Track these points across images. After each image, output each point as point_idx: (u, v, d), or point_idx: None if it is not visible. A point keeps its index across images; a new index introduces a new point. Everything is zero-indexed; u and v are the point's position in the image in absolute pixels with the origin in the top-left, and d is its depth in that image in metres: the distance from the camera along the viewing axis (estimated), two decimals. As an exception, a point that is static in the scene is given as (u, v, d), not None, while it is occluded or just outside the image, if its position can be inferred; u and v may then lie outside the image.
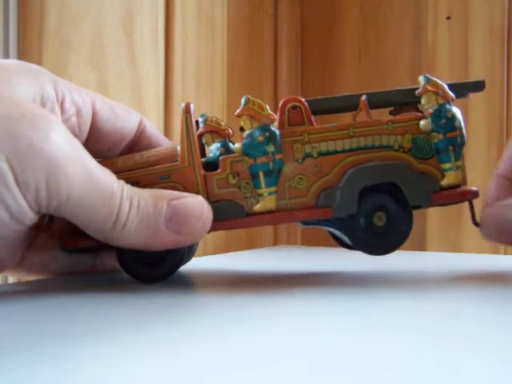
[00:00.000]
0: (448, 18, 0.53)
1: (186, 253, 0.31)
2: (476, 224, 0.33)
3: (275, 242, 0.60)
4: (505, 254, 0.51)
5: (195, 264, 0.36)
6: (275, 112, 0.30)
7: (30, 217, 0.26)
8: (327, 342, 0.19)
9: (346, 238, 0.31)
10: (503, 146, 0.50)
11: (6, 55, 0.51)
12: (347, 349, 0.18)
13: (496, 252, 0.51)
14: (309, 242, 0.60)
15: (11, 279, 0.46)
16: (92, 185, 0.26)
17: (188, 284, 0.32)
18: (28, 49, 0.51)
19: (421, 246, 0.53)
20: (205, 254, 0.49)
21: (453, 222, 0.53)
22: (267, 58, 0.58)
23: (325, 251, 0.51)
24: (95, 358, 0.17)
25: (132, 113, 0.33)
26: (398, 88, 0.33)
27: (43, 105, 0.28)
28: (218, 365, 0.16)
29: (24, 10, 0.51)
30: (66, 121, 0.30)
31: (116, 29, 0.50)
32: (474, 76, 0.52)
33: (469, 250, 0.52)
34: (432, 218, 0.53)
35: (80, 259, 0.33)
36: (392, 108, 0.34)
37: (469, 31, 0.52)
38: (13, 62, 0.29)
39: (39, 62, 0.49)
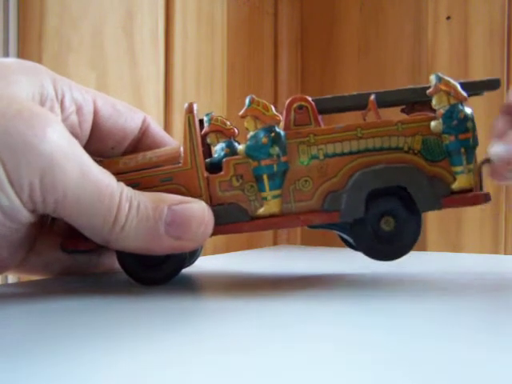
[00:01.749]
0: (448, 17, 0.53)
1: (189, 255, 0.31)
2: (487, 161, 0.31)
3: (275, 242, 0.60)
4: (505, 253, 0.51)
5: (195, 264, 0.36)
6: (280, 112, 0.30)
7: (25, 215, 0.25)
8: (327, 343, 0.19)
9: (352, 241, 0.31)
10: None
11: (6, 55, 0.51)
12: (347, 349, 0.18)
13: (496, 252, 0.51)
14: (309, 242, 0.60)
15: (11, 279, 0.46)
16: (89, 183, 0.26)
17: (188, 285, 0.32)
18: (28, 49, 0.51)
19: (421, 246, 0.53)
20: (204, 253, 0.49)
21: (453, 221, 0.53)
22: (267, 57, 0.58)
23: (325, 251, 0.51)
24: (95, 361, 0.17)
25: (135, 111, 0.33)
26: (409, 86, 0.32)
27: (42, 103, 0.28)
28: (219, 366, 0.16)
29: (24, 10, 0.51)
30: (65, 119, 0.29)
31: (116, 29, 0.50)
32: (474, 76, 0.52)
33: (469, 250, 0.52)
34: (432, 217, 0.53)
35: (83, 259, 0.33)
36: (404, 106, 0.32)
37: (469, 31, 0.52)
38: (12, 61, 0.29)
39: (39, 63, 0.48)
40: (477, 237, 0.52)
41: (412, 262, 0.30)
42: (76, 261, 0.33)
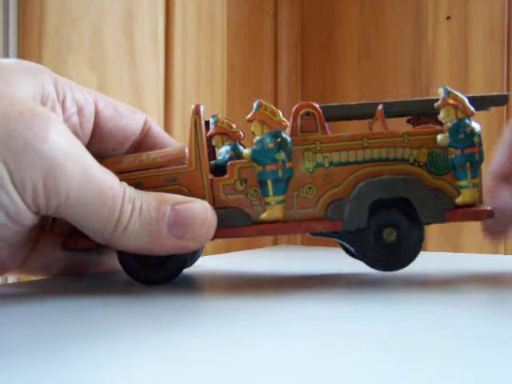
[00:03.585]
0: (448, 17, 0.53)
1: (190, 256, 0.30)
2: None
3: (275, 242, 0.60)
4: (505, 254, 0.51)
5: (195, 264, 0.36)
6: (287, 117, 0.30)
7: (29, 217, 0.25)
8: (327, 343, 0.19)
9: (353, 250, 0.31)
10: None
11: (6, 55, 0.51)
12: (347, 349, 0.18)
13: (496, 252, 0.51)
14: (309, 242, 0.60)
15: (11, 279, 0.46)
16: (92, 185, 0.26)
17: (188, 285, 0.32)
18: (28, 49, 0.51)
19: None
20: (204, 253, 0.49)
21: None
22: (267, 58, 0.58)
23: (325, 251, 0.51)
24: (95, 360, 0.17)
25: (136, 112, 0.33)
26: (417, 98, 0.32)
27: (44, 104, 0.28)
28: (219, 366, 0.16)
29: (24, 9, 0.51)
30: (67, 120, 0.29)
31: (116, 29, 0.50)
32: (474, 76, 0.52)
33: (469, 250, 0.52)
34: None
35: (83, 259, 0.33)
36: (410, 117, 0.33)
37: (469, 31, 0.52)
38: (13, 61, 0.29)
39: (39, 62, 0.49)
40: (477, 237, 0.52)
41: (412, 262, 0.30)
42: (77, 260, 0.33)
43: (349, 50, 0.58)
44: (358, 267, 0.33)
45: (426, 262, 0.41)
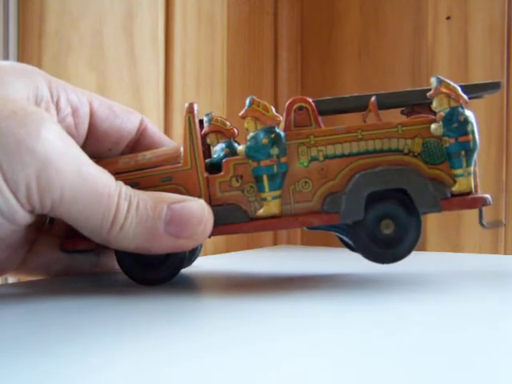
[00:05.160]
0: (448, 17, 0.53)
1: (188, 255, 0.31)
2: (483, 225, 0.32)
3: (275, 242, 0.60)
4: (505, 254, 0.51)
5: (195, 264, 0.36)
6: (281, 113, 0.30)
7: (23, 216, 0.25)
8: (327, 343, 0.19)
9: (351, 243, 0.31)
10: (503, 146, 0.50)
11: (6, 55, 0.51)
12: (346, 349, 0.18)
13: (496, 252, 0.51)
14: (309, 242, 0.60)
15: (11, 279, 0.46)
16: (87, 183, 0.26)
17: (188, 285, 0.32)
18: (28, 49, 0.51)
19: (421, 246, 0.53)
20: (204, 253, 0.49)
21: (453, 222, 0.53)
22: (267, 58, 0.58)
23: (325, 251, 0.51)
24: (95, 360, 0.17)
25: (132, 112, 0.33)
26: (410, 89, 0.32)
27: (37, 105, 0.28)
28: (218, 366, 0.16)
29: (24, 10, 0.51)
30: (61, 120, 0.29)
31: (116, 29, 0.50)
32: (474, 76, 0.52)
33: (469, 250, 0.52)
34: (432, 217, 0.53)
35: (82, 259, 0.33)
36: (403, 108, 0.33)
37: (469, 31, 0.52)
38: (7, 63, 0.29)
39: (39, 63, 0.49)
40: (477, 237, 0.52)
41: (412, 262, 0.30)
42: (75, 261, 0.33)
43: (349, 50, 0.58)
44: (358, 267, 0.33)
45: (425, 262, 0.41)
